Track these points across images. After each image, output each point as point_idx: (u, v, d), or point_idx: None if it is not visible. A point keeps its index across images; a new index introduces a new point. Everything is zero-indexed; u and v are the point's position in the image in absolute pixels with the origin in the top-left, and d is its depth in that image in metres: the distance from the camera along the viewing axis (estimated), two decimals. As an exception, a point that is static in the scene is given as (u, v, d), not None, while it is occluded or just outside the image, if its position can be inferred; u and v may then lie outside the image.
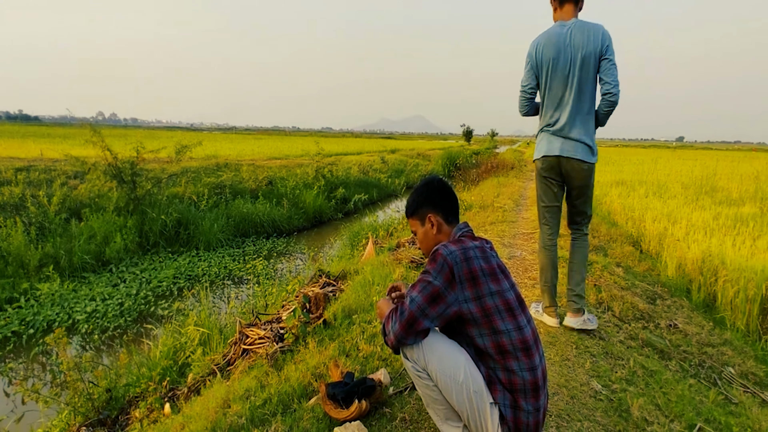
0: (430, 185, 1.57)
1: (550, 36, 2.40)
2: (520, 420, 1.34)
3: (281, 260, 7.32)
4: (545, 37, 2.41)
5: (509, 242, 4.85)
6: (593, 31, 2.31)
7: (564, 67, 2.36)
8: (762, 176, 11.55)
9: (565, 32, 2.36)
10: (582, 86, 2.36)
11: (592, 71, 2.34)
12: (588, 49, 2.30)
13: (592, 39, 2.30)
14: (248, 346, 2.93)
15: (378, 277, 3.65)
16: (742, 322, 3.51)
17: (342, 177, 13.48)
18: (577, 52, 2.32)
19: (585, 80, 2.35)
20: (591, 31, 2.31)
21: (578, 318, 2.60)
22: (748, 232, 5.18)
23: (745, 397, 2.34)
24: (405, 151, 27.89)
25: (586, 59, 2.31)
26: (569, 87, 2.38)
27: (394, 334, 1.40)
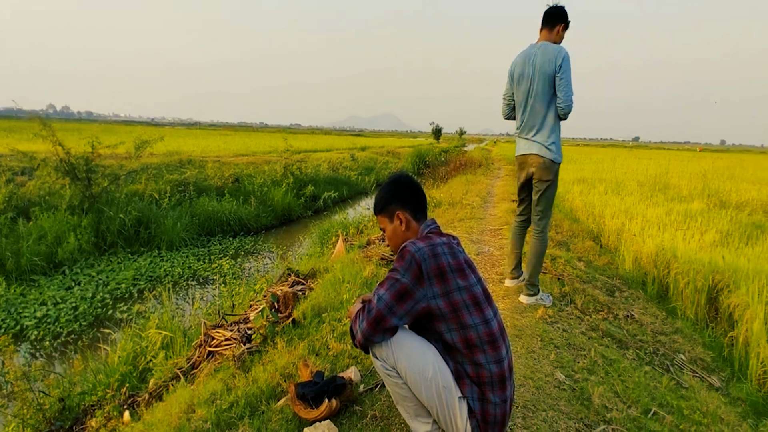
0: (398, 182, 1.57)
1: (522, 55, 2.82)
2: (488, 412, 1.36)
3: (249, 259, 7.14)
4: (520, 55, 2.83)
5: (477, 238, 4.94)
6: (552, 53, 2.66)
7: (526, 81, 2.77)
8: (709, 175, 12.36)
9: (533, 52, 2.75)
10: (538, 97, 2.74)
11: (548, 85, 2.70)
12: (544, 68, 2.67)
13: (548, 59, 2.66)
14: (214, 348, 2.83)
15: (348, 274, 3.62)
16: (691, 311, 3.73)
17: (311, 174, 13.30)
18: (536, 69, 2.71)
19: (541, 93, 2.73)
20: (550, 52, 2.67)
21: (530, 298, 3.03)
22: (697, 226, 5.52)
23: (695, 381, 2.49)
24: (375, 149, 27.88)
25: (542, 76, 2.69)
26: (528, 97, 2.78)
27: (362, 333, 1.39)
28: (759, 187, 9.69)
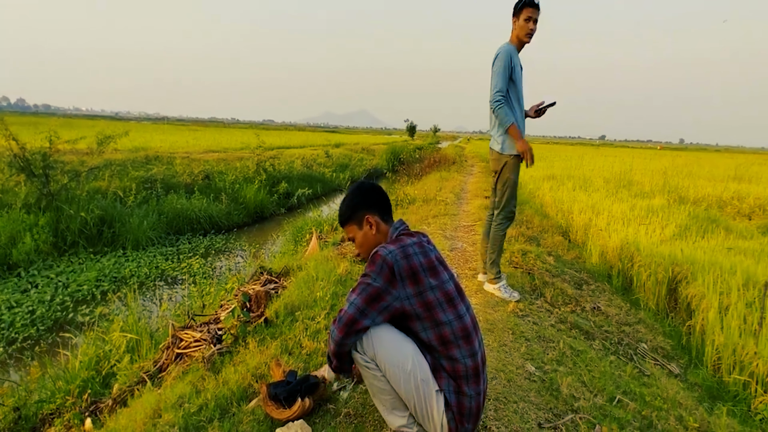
0: (362, 188, 1.58)
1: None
2: (463, 405, 1.40)
3: (220, 258, 6.96)
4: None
5: (451, 234, 5.00)
6: (497, 50, 2.79)
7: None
8: (669, 172, 12.96)
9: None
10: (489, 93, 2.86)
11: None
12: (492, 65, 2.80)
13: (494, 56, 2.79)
14: (182, 350, 2.74)
15: (322, 272, 3.59)
16: (653, 302, 3.91)
17: (285, 171, 13.09)
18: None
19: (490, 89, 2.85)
20: (497, 50, 2.79)
21: (492, 285, 3.12)
22: (658, 221, 5.78)
23: (656, 369, 2.61)
24: (349, 146, 27.73)
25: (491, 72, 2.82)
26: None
27: (334, 341, 1.41)
28: (714, 184, 10.25)
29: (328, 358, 1.51)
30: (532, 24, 2.71)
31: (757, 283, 3.38)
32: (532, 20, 2.71)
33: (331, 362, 1.49)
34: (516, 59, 2.80)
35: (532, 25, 2.71)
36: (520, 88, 2.84)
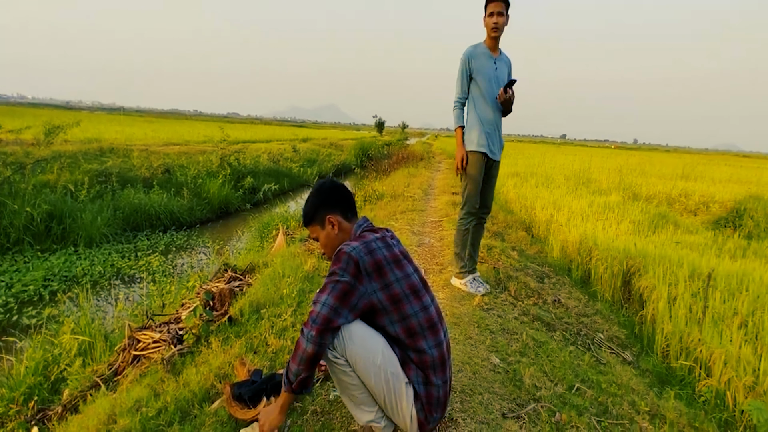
0: (323, 188, 1.58)
1: None
2: (431, 395, 1.43)
3: (181, 255, 6.70)
4: None
5: (418, 230, 5.04)
6: None
7: None
8: (624, 170, 13.64)
9: None
10: None
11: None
12: None
13: None
14: (140, 352, 2.62)
15: (289, 268, 3.52)
16: (609, 294, 4.11)
17: (250, 165, 12.75)
18: None
19: None
20: None
21: (458, 280, 3.20)
22: (614, 217, 6.07)
23: (611, 357, 2.74)
24: (317, 141, 27.37)
25: None
26: None
27: (312, 342, 1.34)
28: (664, 182, 10.89)
29: (287, 374, 1.39)
30: (495, 17, 2.71)
31: (701, 274, 3.62)
32: (495, 14, 2.70)
33: (296, 376, 1.37)
34: (478, 60, 2.82)
35: (496, 18, 2.70)
36: (488, 87, 2.83)
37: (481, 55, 2.83)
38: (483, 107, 2.87)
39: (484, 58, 2.83)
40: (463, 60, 2.85)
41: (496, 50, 2.86)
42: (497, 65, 2.85)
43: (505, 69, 2.90)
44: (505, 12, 2.72)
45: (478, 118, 2.87)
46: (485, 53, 2.84)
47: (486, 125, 2.88)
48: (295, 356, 1.37)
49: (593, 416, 1.96)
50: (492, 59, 2.83)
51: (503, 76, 2.88)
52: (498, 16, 2.70)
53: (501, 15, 2.70)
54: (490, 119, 2.89)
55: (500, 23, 2.72)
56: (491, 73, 2.83)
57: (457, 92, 2.90)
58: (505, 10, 2.71)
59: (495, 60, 2.84)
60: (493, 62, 2.84)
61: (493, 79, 2.84)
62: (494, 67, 2.84)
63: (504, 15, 2.72)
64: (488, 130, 2.89)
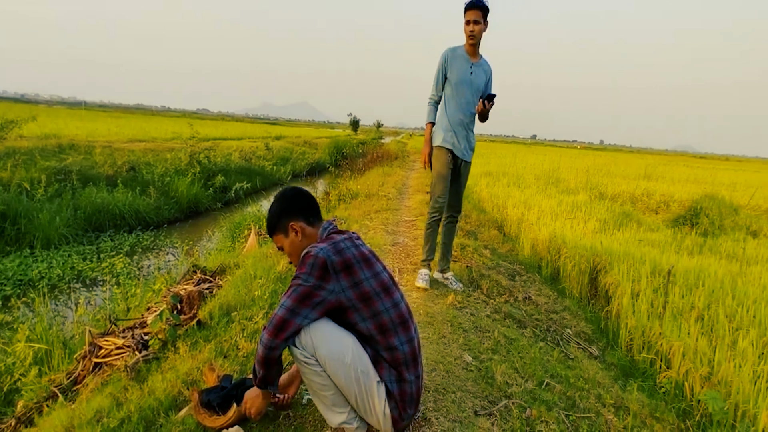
0: (285, 196, 1.57)
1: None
2: (405, 391, 1.44)
3: (147, 256, 6.45)
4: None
5: (393, 229, 5.05)
6: None
7: None
8: (591, 170, 14.13)
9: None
10: None
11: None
12: None
13: None
14: (102, 359, 2.50)
15: (261, 269, 3.45)
16: (576, 290, 4.24)
17: (221, 164, 12.42)
18: None
19: None
20: None
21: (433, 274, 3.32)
22: (582, 216, 6.28)
23: (579, 352, 2.83)
24: (291, 139, 27.00)
25: None
26: None
27: (263, 344, 1.36)
28: (628, 182, 11.35)
29: (254, 371, 1.45)
30: (472, 26, 2.74)
31: (662, 271, 3.79)
32: (471, 22, 2.74)
33: (257, 375, 1.43)
34: (455, 62, 2.84)
35: (473, 26, 2.74)
36: (460, 90, 2.86)
37: (459, 58, 2.86)
38: (453, 109, 2.90)
39: (461, 62, 2.85)
40: (440, 60, 2.89)
41: (476, 56, 2.88)
42: (473, 70, 2.86)
43: (482, 76, 2.90)
44: (483, 20, 2.74)
45: (448, 119, 2.91)
46: (463, 57, 2.86)
47: (454, 126, 2.92)
48: (255, 357, 1.41)
49: (562, 411, 2.01)
50: (469, 64, 2.86)
51: (479, 82, 2.89)
52: (474, 24, 2.73)
53: (477, 23, 2.73)
54: (459, 121, 2.92)
55: (476, 31, 2.74)
56: (466, 78, 2.85)
57: (432, 91, 2.97)
58: (482, 19, 2.73)
59: (472, 65, 2.86)
60: (470, 67, 2.86)
61: (467, 83, 2.87)
62: (470, 71, 2.86)
63: (481, 23, 2.74)
64: (456, 130, 2.93)
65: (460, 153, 2.97)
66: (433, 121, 3.00)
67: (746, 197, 9.44)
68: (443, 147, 2.94)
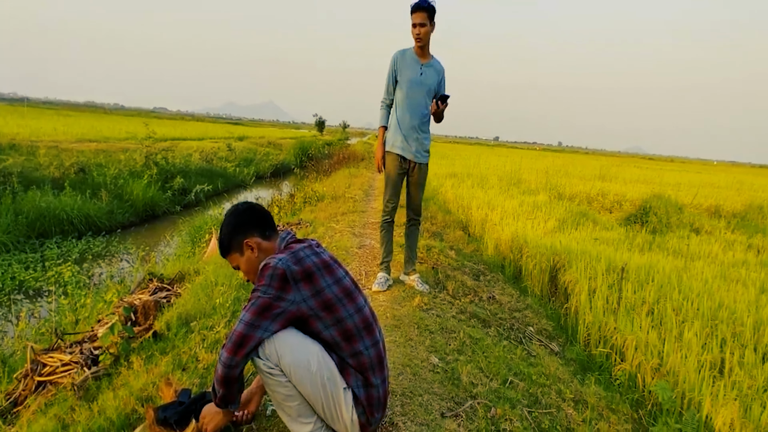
0: (236, 213, 1.51)
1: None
2: (372, 396, 1.44)
3: (99, 264, 6.08)
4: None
5: (359, 232, 5.02)
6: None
7: None
8: (550, 171, 14.68)
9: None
10: None
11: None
12: None
13: None
14: (46, 378, 2.32)
15: (222, 276, 3.33)
16: (538, 288, 4.39)
17: (180, 165, 11.94)
18: None
19: None
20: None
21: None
22: (542, 216, 6.51)
23: (540, 349, 2.92)
24: (255, 139, 26.35)
25: None
26: None
27: (223, 363, 1.32)
28: (584, 182, 11.89)
29: (213, 390, 1.39)
30: (418, 28, 2.74)
31: (616, 268, 3.98)
32: (417, 25, 2.74)
33: (216, 394, 1.38)
34: (404, 65, 2.85)
35: (418, 29, 2.74)
36: (410, 92, 2.86)
37: (409, 60, 2.86)
38: (405, 112, 2.91)
39: (410, 64, 2.86)
40: (390, 64, 2.91)
41: (426, 57, 2.89)
42: (423, 71, 2.87)
43: (434, 76, 2.90)
44: (429, 21, 2.74)
45: (398, 121, 2.93)
46: (413, 59, 2.87)
47: (404, 129, 2.92)
48: (215, 375, 1.36)
49: (525, 408, 2.07)
50: (419, 65, 2.86)
51: (430, 83, 2.89)
52: (420, 26, 2.73)
53: (423, 25, 2.73)
54: (409, 124, 2.91)
55: (422, 33, 2.75)
56: (416, 79, 2.86)
57: (384, 95, 2.98)
58: (428, 21, 2.73)
59: (422, 66, 2.86)
60: (420, 68, 2.86)
61: (417, 84, 2.87)
62: (419, 72, 2.86)
63: (427, 25, 2.74)
64: (406, 133, 2.93)
65: (412, 156, 2.96)
66: (385, 124, 3.02)
67: (689, 196, 10.13)
68: (392, 152, 2.98)
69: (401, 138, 2.93)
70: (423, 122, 2.95)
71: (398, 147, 2.95)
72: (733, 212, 9.31)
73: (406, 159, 2.97)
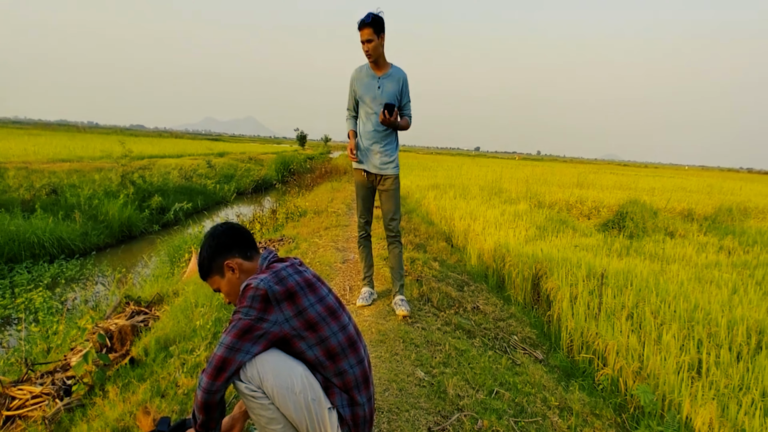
0: (215, 234, 1.49)
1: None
2: (357, 415, 1.41)
3: (72, 288, 5.86)
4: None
5: (343, 246, 5.00)
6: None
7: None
8: (530, 180, 14.98)
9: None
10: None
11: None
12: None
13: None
14: (15, 412, 2.21)
15: (203, 296, 3.26)
16: (521, 297, 4.43)
17: (159, 183, 11.72)
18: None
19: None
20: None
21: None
22: (523, 224, 6.61)
23: (525, 357, 2.94)
24: (235, 155, 26.10)
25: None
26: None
27: (202, 389, 1.28)
28: (563, 190, 12.15)
29: (193, 416, 1.35)
30: (366, 45, 2.76)
31: (596, 273, 4.07)
32: (365, 42, 2.76)
33: (196, 421, 1.34)
34: (361, 82, 2.88)
35: (366, 46, 2.76)
36: (371, 107, 2.88)
37: (365, 75, 2.88)
38: (367, 126, 2.92)
39: (367, 80, 2.88)
40: (349, 82, 2.95)
41: (382, 68, 2.89)
42: (381, 84, 2.87)
43: (394, 86, 2.89)
44: (376, 36, 2.75)
45: (362, 137, 2.95)
46: (369, 74, 2.89)
47: (367, 143, 2.93)
48: (194, 401, 1.32)
49: (511, 418, 2.07)
50: (375, 79, 2.87)
51: (390, 93, 2.88)
52: (367, 43, 2.75)
53: (370, 41, 2.74)
54: (373, 137, 2.92)
55: (371, 49, 2.76)
56: (374, 93, 2.87)
57: (347, 107, 3.01)
58: (375, 36, 2.74)
59: (379, 79, 2.87)
60: (377, 81, 2.87)
61: (377, 98, 2.87)
62: (377, 86, 2.87)
63: (374, 40, 2.75)
64: (369, 147, 2.94)
65: (377, 169, 2.95)
66: (354, 128, 2.99)
67: (663, 201, 10.46)
68: (358, 168, 3.00)
69: (364, 153, 2.95)
70: (387, 134, 2.94)
71: (362, 164, 2.96)
72: (704, 215, 9.64)
73: (371, 173, 2.97)
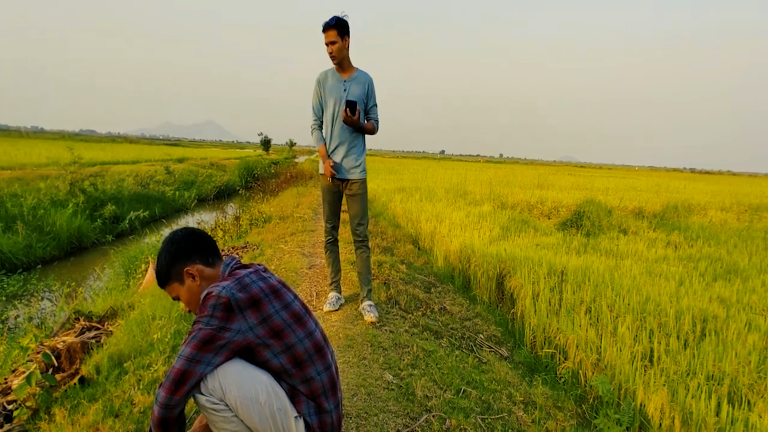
0: (174, 239, 1.43)
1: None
2: (324, 422, 1.39)
3: (14, 305, 5.44)
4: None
5: (309, 251, 4.93)
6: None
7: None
8: (493, 182, 15.40)
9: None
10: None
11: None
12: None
13: None
14: (-54, 443, 2.01)
15: (161, 308, 3.11)
16: (486, 296, 4.53)
17: (112, 191, 11.12)
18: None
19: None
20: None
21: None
22: (487, 225, 6.77)
23: (491, 355, 3.00)
24: (196, 161, 25.21)
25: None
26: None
27: (159, 404, 1.21)
28: (525, 191, 12.57)
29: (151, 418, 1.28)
30: (329, 47, 2.76)
31: (556, 271, 4.22)
32: (328, 44, 2.76)
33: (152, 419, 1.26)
34: (327, 84, 2.87)
35: (330, 48, 2.76)
36: (337, 110, 2.87)
37: (331, 79, 2.87)
38: (332, 130, 2.91)
39: (333, 82, 2.87)
40: (314, 86, 2.91)
41: (347, 71, 2.89)
42: (347, 86, 2.87)
43: (360, 88, 2.90)
44: (340, 38, 2.75)
45: (328, 141, 2.93)
46: (335, 76, 2.88)
47: (333, 147, 2.92)
48: (151, 418, 1.25)
49: (478, 415, 2.10)
50: (341, 82, 2.87)
51: (357, 95, 2.88)
52: (331, 45, 2.76)
53: (334, 43, 2.75)
54: (339, 141, 2.91)
55: (335, 50, 2.76)
56: (340, 96, 2.86)
57: (312, 117, 2.95)
58: (339, 37, 2.74)
59: (345, 82, 2.87)
60: (343, 84, 2.87)
61: (343, 100, 2.86)
62: (343, 88, 2.86)
63: (338, 41, 2.75)
64: (336, 152, 2.92)
65: (343, 174, 2.94)
66: (323, 142, 2.95)
67: (617, 200, 11.05)
68: (323, 173, 2.95)
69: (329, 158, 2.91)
70: (354, 137, 2.93)
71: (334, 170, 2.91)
72: (653, 213, 10.27)
73: (337, 178, 2.95)
